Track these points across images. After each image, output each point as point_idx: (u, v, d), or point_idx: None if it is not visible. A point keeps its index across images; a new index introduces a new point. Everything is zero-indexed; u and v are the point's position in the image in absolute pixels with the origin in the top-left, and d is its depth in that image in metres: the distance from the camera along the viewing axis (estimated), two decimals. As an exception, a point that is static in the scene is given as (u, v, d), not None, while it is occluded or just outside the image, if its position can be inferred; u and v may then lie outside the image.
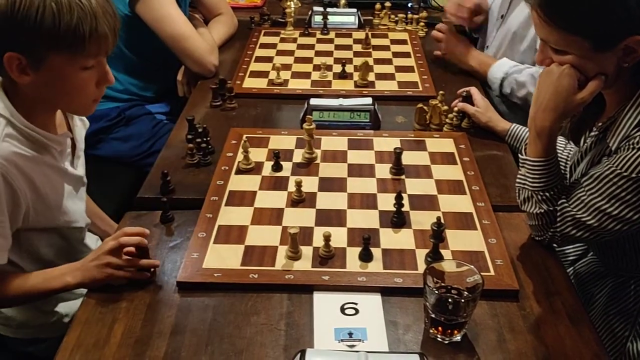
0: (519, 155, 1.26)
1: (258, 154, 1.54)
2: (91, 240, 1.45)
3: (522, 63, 1.90)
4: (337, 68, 1.99)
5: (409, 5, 2.61)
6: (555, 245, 1.28)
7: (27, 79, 1.12)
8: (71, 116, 1.33)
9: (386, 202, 1.36)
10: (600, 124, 1.22)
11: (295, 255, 1.20)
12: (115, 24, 1.16)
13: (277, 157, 1.49)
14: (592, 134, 1.24)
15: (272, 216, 1.33)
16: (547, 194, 1.19)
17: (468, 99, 1.69)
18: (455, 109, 1.69)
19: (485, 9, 2.09)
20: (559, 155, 1.24)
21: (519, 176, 1.24)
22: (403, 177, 1.45)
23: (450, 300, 1.02)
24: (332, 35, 2.30)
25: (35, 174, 1.18)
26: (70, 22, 1.08)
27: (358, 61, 2.07)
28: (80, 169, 1.36)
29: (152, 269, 1.18)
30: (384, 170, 1.49)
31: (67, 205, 1.29)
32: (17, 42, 1.08)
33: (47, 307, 1.34)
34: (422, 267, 1.18)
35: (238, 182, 1.44)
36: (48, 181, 1.22)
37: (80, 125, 1.37)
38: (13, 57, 1.09)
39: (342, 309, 1.11)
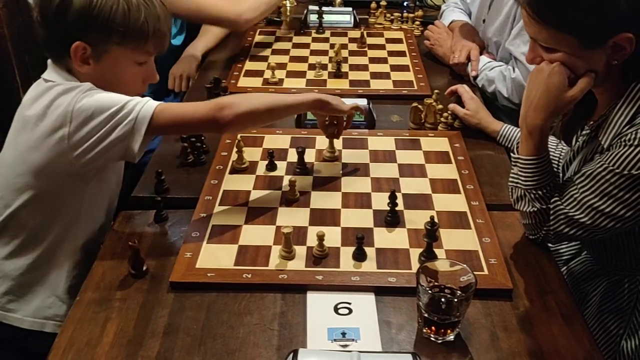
0: (511, 154, 1.26)
1: (252, 154, 1.54)
2: None
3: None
4: (333, 67, 1.98)
5: (405, 4, 2.61)
6: (549, 244, 1.28)
7: (86, 68, 1.24)
8: None
9: (380, 201, 1.36)
10: (591, 122, 1.22)
11: (288, 255, 1.20)
12: (170, 28, 1.32)
13: (272, 156, 1.48)
14: (584, 132, 1.25)
15: (266, 216, 1.33)
16: (539, 192, 1.19)
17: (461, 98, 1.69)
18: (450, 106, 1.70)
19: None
20: (551, 154, 1.24)
21: (511, 175, 1.24)
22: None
23: (443, 299, 1.02)
24: (327, 34, 2.30)
25: None
26: (137, 20, 1.22)
27: (354, 60, 2.08)
28: None
29: (145, 267, 1.18)
30: (378, 170, 1.49)
31: None
32: (88, 34, 1.21)
33: (65, 294, 1.33)
34: (415, 266, 1.18)
35: (232, 182, 1.44)
36: None
37: None
38: (80, 46, 1.21)
39: (336, 309, 1.11)
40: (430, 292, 1.03)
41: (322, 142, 1.59)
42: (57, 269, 1.32)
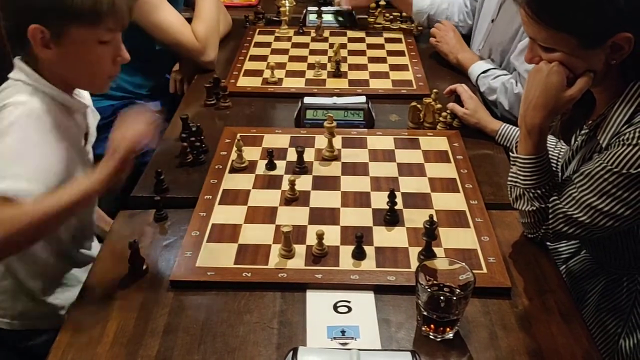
0: (510, 154, 1.26)
1: (252, 153, 1.54)
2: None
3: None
4: (332, 66, 1.99)
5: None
6: (548, 243, 1.28)
7: (49, 52, 1.20)
8: (84, 105, 1.36)
9: (379, 200, 1.36)
10: (590, 122, 1.23)
11: (288, 254, 1.21)
12: (130, 2, 1.25)
13: (271, 156, 1.49)
14: (583, 132, 1.25)
15: (266, 215, 1.33)
16: (538, 191, 1.19)
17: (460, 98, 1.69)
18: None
19: None
20: (550, 153, 1.24)
21: (510, 174, 1.25)
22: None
23: (442, 298, 1.03)
24: (326, 34, 2.30)
25: (60, 134, 1.22)
26: None
27: (353, 59, 2.08)
28: (90, 155, 1.40)
29: (145, 266, 1.18)
30: (377, 169, 1.50)
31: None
32: (40, 15, 1.17)
33: (44, 296, 1.33)
34: (414, 265, 1.18)
35: (232, 181, 1.44)
36: (68, 148, 1.25)
37: (91, 115, 1.41)
38: (37, 29, 1.17)
39: (335, 307, 1.11)
40: (429, 290, 1.03)
41: (321, 141, 1.59)
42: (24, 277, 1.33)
